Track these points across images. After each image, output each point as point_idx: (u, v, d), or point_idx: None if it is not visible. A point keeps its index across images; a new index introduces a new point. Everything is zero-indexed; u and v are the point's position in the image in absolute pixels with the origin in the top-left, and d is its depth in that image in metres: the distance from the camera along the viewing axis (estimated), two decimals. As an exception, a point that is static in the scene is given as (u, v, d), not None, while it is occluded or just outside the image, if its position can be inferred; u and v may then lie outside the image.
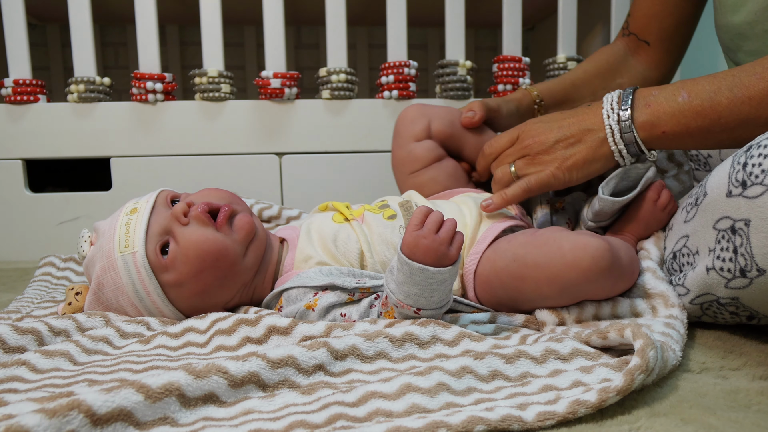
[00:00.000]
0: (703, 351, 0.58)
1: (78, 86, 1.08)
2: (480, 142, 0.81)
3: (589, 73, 0.92)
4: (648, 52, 0.92)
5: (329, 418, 0.43)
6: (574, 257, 0.59)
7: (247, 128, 1.13)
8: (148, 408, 0.42)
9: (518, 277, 0.62)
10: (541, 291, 0.61)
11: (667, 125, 0.65)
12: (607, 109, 0.68)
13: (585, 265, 0.58)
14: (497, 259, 0.64)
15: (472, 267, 0.67)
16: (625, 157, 0.69)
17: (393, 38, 1.14)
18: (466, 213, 0.71)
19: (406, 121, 0.82)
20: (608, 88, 0.91)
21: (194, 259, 0.63)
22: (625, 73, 0.92)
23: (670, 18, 0.89)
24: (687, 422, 0.43)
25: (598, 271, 0.58)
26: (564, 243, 0.60)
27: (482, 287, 0.66)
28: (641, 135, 0.67)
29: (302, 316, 0.63)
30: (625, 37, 0.94)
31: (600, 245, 0.59)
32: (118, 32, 1.62)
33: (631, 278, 0.63)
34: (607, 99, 0.69)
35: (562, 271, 0.59)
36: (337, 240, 0.69)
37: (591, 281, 0.59)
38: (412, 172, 0.81)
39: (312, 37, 1.68)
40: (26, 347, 0.57)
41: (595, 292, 0.61)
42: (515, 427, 0.42)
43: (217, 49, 1.10)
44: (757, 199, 0.53)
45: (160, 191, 0.69)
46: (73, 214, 1.10)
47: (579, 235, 0.61)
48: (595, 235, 0.61)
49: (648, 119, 0.66)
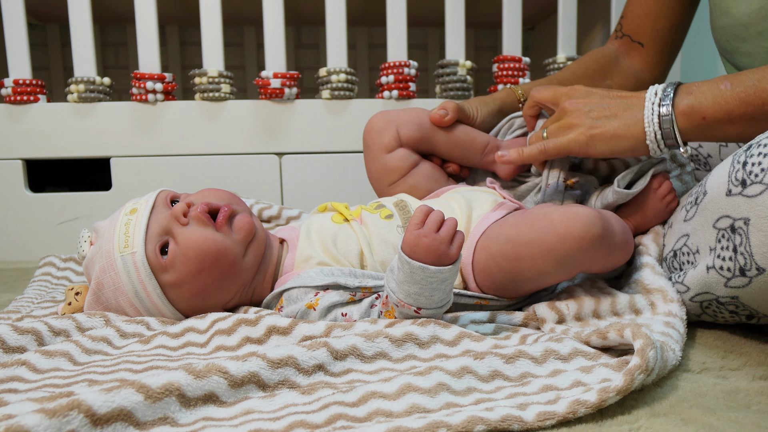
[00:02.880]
0: (703, 351, 0.58)
1: (78, 86, 1.08)
2: (451, 138, 0.80)
3: (576, 74, 0.92)
4: (642, 53, 0.92)
5: (329, 418, 0.43)
6: (566, 227, 0.59)
7: (247, 128, 1.13)
8: (148, 408, 0.42)
9: (514, 257, 0.62)
10: (537, 267, 0.61)
11: (709, 110, 0.64)
12: (650, 95, 0.68)
13: (577, 233, 0.59)
14: (491, 245, 0.65)
15: (468, 258, 0.67)
16: (659, 143, 0.67)
17: (393, 38, 1.14)
18: (455, 207, 0.71)
19: (373, 133, 0.80)
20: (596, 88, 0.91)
21: (194, 260, 0.63)
22: (615, 74, 0.92)
23: (664, 19, 0.89)
24: (687, 422, 0.43)
25: (591, 239, 0.59)
26: (554, 216, 0.61)
27: (482, 275, 0.66)
28: (680, 122, 0.66)
29: (303, 316, 0.63)
30: (618, 39, 0.94)
31: (590, 213, 0.60)
32: (118, 32, 1.62)
33: (624, 248, 0.63)
34: (652, 87, 0.69)
35: (556, 243, 0.60)
36: (337, 240, 0.69)
37: (585, 249, 0.60)
38: (390, 184, 0.80)
39: (312, 37, 1.68)
40: (26, 347, 0.57)
41: (592, 262, 0.62)
42: (515, 427, 0.42)
43: (217, 49, 1.10)
44: (757, 198, 0.53)
45: (159, 191, 0.69)
46: (73, 214, 1.10)
47: (568, 207, 0.62)
48: (583, 206, 0.62)
49: (689, 104, 0.65)
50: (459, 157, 0.82)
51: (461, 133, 0.81)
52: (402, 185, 0.79)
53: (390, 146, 0.79)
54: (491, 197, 0.74)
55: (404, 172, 0.79)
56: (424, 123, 0.80)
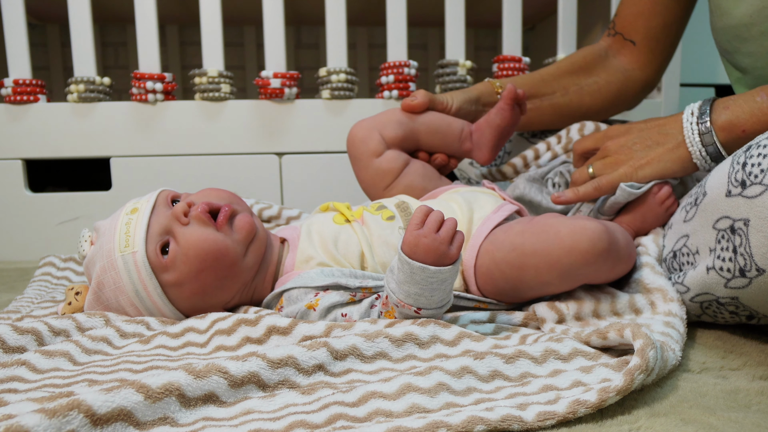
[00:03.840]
0: (703, 351, 0.58)
1: (78, 86, 1.08)
2: (430, 127, 0.81)
3: (561, 70, 0.92)
4: (633, 51, 0.91)
5: (329, 418, 0.43)
6: (573, 241, 0.59)
7: (247, 128, 1.13)
8: (148, 408, 0.42)
9: (518, 266, 0.62)
10: (541, 278, 0.62)
11: (747, 123, 0.66)
12: (687, 115, 0.70)
13: (583, 248, 0.59)
14: (495, 251, 0.65)
15: (471, 261, 0.67)
16: (705, 158, 0.69)
17: (393, 38, 1.14)
18: (455, 208, 0.71)
19: (357, 142, 0.80)
20: (581, 85, 0.91)
21: (194, 259, 0.63)
22: (602, 72, 0.92)
23: (657, 18, 0.88)
24: (687, 422, 0.43)
25: (597, 254, 0.59)
26: (561, 228, 0.61)
27: (484, 280, 0.66)
28: (721, 137, 0.67)
29: (303, 316, 0.63)
30: (610, 37, 0.94)
31: (597, 228, 0.60)
32: (118, 32, 1.62)
33: (628, 260, 0.64)
34: (687, 108, 0.71)
35: (561, 256, 0.60)
36: (338, 241, 0.69)
37: (590, 264, 0.60)
38: (385, 187, 0.80)
39: (312, 37, 1.68)
40: (26, 347, 0.57)
41: (595, 275, 0.62)
42: (515, 427, 0.42)
43: (217, 49, 1.11)
44: (756, 199, 0.53)
45: (160, 191, 0.69)
46: (73, 214, 1.11)
47: (575, 219, 0.62)
48: (590, 218, 0.62)
49: (727, 119, 0.67)
50: (440, 144, 0.82)
51: (438, 119, 0.81)
52: (397, 187, 0.79)
53: (377, 150, 0.79)
54: (491, 198, 0.74)
55: (397, 172, 0.79)
56: (402, 119, 0.80)
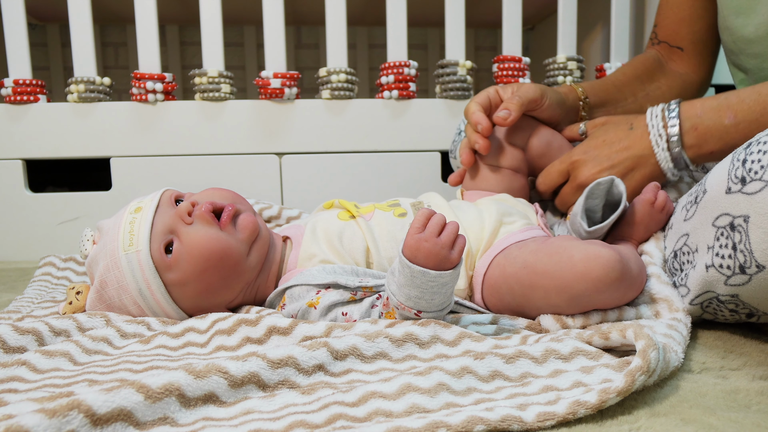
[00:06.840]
0: (703, 351, 0.58)
1: (78, 86, 1.08)
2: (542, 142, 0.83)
3: (628, 76, 0.92)
4: (683, 57, 0.92)
5: (329, 418, 0.43)
6: (585, 268, 0.58)
7: (247, 128, 1.13)
8: (148, 408, 0.42)
9: (527, 284, 0.62)
10: (549, 300, 0.61)
11: (716, 146, 0.69)
12: (655, 136, 0.72)
13: (595, 275, 0.58)
14: (507, 265, 0.64)
15: (482, 270, 0.66)
16: (674, 173, 0.74)
17: (393, 38, 1.14)
18: (486, 217, 0.71)
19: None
20: (647, 91, 0.92)
21: (198, 259, 0.63)
22: (662, 77, 0.93)
23: (700, 21, 0.89)
24: (687, 422, 0.43)
25: (609, 282, 0.58)
26: (575, 253, 0.59)
27: (490, 291, 0.66)
28: (689, 154, 0.72)
29: (304, 314, 0.63)
30: (654, 46, 0.95)
31: (611, 256, 0.58)
32: (118, 32, 1.62)
33: (639, 287, 0.63)
34: (651, 123, 0.72)
35: (572, 281, 0.58)
36: (342, 237, 0.69)
37: (601, 291, 0.58)
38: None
39: (312, 37, 1.68)
40: (26, 347, 0.57)
41: (605, 302, 0.60)
42: (515, 427, 0.42)
43: (217, 49, 1.10)
44: (756, 195, 0.53)
45: (164, 190, 0.69)
46: (73, 214, 1.10)
47: (589, 244, 0.60)
48: (605, 245, 0.60)
49: (696, 143, 0.71)
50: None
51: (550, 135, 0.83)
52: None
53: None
54: (525, 219, 0.73)
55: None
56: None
